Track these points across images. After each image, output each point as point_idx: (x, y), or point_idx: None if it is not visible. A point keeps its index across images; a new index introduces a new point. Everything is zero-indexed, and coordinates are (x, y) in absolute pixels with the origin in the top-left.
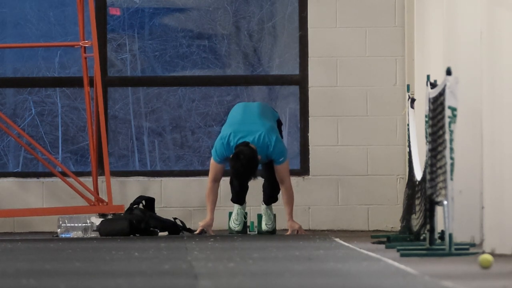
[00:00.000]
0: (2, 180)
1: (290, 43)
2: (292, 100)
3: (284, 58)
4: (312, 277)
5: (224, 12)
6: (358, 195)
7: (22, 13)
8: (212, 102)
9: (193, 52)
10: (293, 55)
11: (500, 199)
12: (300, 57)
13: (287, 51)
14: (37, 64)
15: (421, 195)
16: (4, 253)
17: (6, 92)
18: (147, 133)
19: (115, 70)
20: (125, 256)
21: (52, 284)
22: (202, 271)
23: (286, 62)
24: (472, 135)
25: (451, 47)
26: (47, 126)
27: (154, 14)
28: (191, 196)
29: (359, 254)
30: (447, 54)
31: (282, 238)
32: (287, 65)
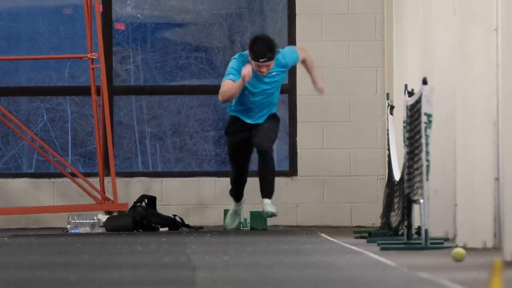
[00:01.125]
0: (16, 180)
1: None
2: (282, 107)
3: None
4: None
5: (219, 27)
6: (342, 194)
7: (35, 28)
8: (209, 109)
9: (191, 64)
10: None
11: (471, 198)
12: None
13: None
14: (48, 74)
15: (399, 194)
16: (18, 247)
17: (20, 100)
18: (149, 137)
19: (120, 80)
20: (129, 249)
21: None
22: (200, 264)
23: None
24: (446, 139)
25: (426, 59)
26: (57, 131)
27: (155, 28)
28: (189, 195)
29: (343, 248)
30: (423, 65)
31: (272, 233)
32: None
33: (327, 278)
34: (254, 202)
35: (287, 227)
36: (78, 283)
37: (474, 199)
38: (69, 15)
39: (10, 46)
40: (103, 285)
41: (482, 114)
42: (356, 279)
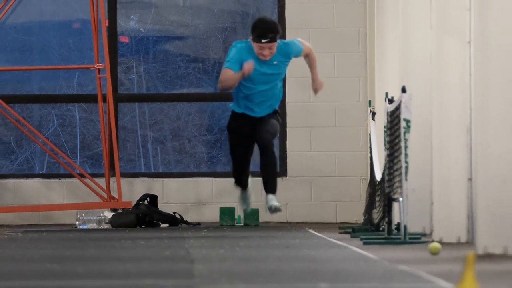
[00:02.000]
0: (29, 180)
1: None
2: None
3: None
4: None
5: (215, 40)
6: (328, 193)
7: (46, 41)
8: (206, 115)
9: (189, 73)
10: None
11: (446, 197)
12: None
13: None
14: (58, 83)
15: (380, 193)
16: (31, 242)
17: (32, 107)
18: (151, 141)
19: (124, 88)
20: (132, 244)
21: (72, 267)
22: (197, 257)
23: None
24: (423, 143)
25: (405, 69)
26: (67, 135)
27: (157, 41)
28: (188, 194)
29: (329, 242)
30: (402, 75)
31: (264, 229)
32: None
33: (314, 270)
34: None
35: (278, 223)
36: (86, 275)
37: (449, 198)
38: (78, 29)
39: (23, 57)
40: (109, 277)
41: (456, 120)
42: (341, 271)
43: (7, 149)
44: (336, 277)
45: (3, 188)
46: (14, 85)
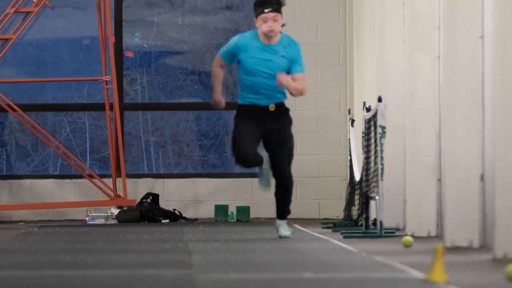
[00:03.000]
0: (44, 180)
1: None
2: None
3: None
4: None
5: (211, 55)
6: (312, 192)
7: (59, 55)
8: (202, 122)
9: (187, 85)
10: None
11: (418, 195)
12: None
13: None
14: (70, 94)
15: (359, 192)
16: (46, 236)
17: (47, 115)
18: (153, 145)
19: (129, 98)
20: (136, 238)
21: (82, 259)
22: (195, 249)
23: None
24: (397, 147)
25: (381, 81)
26: (78, 140)
27: (158, 56)
28: (186, 193)
29: (313, 236)
30: (379, 86)
31: (255, 224)
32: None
33: (299, 261)
34: (239, 197)
35: (267, 219)
36: (95, 265)
37: (420, 196)
38: (87, 44)
39: (39, 70)
40: (115, 267)
41: (426, 126)
42: (323, 262)
43: (24, 152)
44: (319, 267)
45: (20, 187)
46: (30, 95)
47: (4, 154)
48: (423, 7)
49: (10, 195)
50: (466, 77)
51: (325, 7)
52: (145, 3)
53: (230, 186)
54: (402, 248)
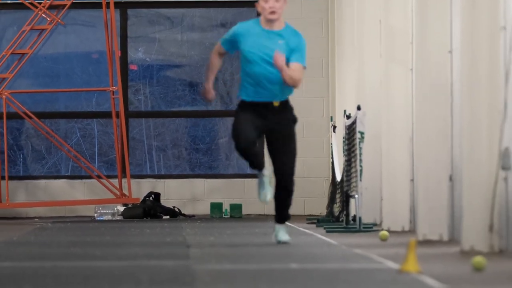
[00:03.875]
0: (57, 181)
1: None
2: None
3: None
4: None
5: None
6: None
7: (71, 68)
8: (199, 128)
9: (186, 95)
10: None
11: (393, 194)
12: None
13: None
14: (80, 103)
15: (340, 191)
16: (58, 230)
17: (59, 122)
18: (155, 149)
19: (134, 107)
20: (140, 232)
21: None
22: (192, 242)
23: None
24: (374, 150)
25: (360, 91)
26: (87, 144)
27: (160, 68)
28: (184, 192)
29: (298, 231)
30: (358, 96)
31: (247, 220)
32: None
33: (287, 253)
34: (232, 196)
35: (257, 215)
36: (103, 257)
37: (395, 195)
38: (96, 58)
39: (52, 82)
40: (121, 259)
41: (401, 132)
42: (308, 254)
43: (39, 155)
44: (304, 259)
45: (35, 187)
46: (44, 104)
47: (21, 157)
48: (398, 24)
49: (26, 194)
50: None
51: (309, 24)
52: (147, 21)
53: (224, 186)
54: (379, 242)
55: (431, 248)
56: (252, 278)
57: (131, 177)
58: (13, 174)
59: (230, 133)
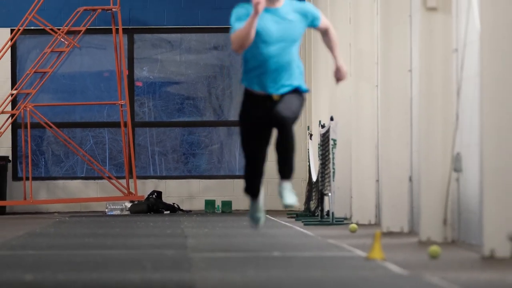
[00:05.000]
0: (73, 181)
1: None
2: None
3: (236, 111)
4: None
5: (202, 84)
6: None
7: (84, 84)
8: (195, 136)
9: (184, 107)
10: None
11: (361, 192)
12: None
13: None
14: (93, 114)
15: (315, 189)
16: (74, 223)
17: (76, 130)
18: (157, 154)
19: (139, 118)
20: (144, 225)
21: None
22: (189, 234)
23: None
24: (345, 155)
25: (333, 104)
26: (99, 150)
27: (161, 85)
28: (183, 190)
29: (280, 224)
30: (331, 108)
31: (236, 215)
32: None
33: (270, 243)
34: (224, 194)
35: (245, 210)
36: (112, 246)
37: (363, 193)
38: (107, 76)
39: (69, 96)
40: (128, 248)
41: (368, 139)
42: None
43: (58, 159)
44: (285, 247)
45: (55, 186)
46: (62, 115)
47: (43, 161)
48: (365, 47)
49: (47, 192)
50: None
51: None
52: (151, 44)
53: (216, 185)
54: (349, 233)
55: (393, 239)
56: (241, 264)
57: (136, 177)
58: (35, 175)
59: (240, 142)
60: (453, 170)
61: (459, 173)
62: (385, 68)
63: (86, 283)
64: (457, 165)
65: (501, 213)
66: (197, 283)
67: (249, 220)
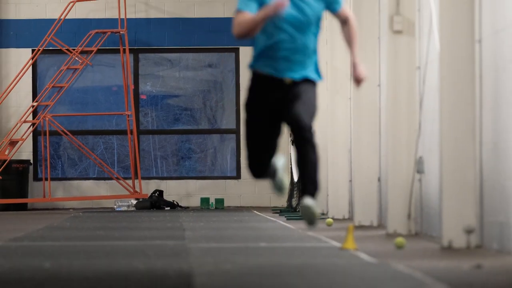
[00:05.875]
0: (87, 181)
1: (231, 113)
2: (232, 141)
3: (228, 121)
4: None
5: (197, 98)
6: (265, 189)
7: (96, 97)
8: (191, 143)
9: (182, 117)
10: (232, 119)
11: (336, 190)
12: (236, 119)
13: (230, 117)
14: (104, 123)
15: (297, 188)
16: (87, 218)
17: (88, 137)
18: (159, 158)
19: (143, 126)
20: (148, 219)
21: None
22: (187, 227)
23: (229, 122)
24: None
25: None
26: (109, 154)
27: (163, 98)
28: (181, 189)
29: (266, 218)
30: None
31: (227, 211)
32: (229, 124)
33: (257, 235)
34: (217, 192)
35: (235, 207)
36: (120, 238)
37: (338, 191)
38: (115, 90)
39: (83, 107)
40: (133, 239)
41: (342, 145)
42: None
43: (73, 162)
44: (270, 239)
45: (70, 186)
46: (77, 124)
47: (60, 164)
48: (340, 65)
49: (63, 191)
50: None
51: None
52: (154, 62)
53: (210, 185)
54: (326, 227)
55: (364, 231)
56: (232, 253)
57: (141, 178)
58: (53, 176)
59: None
60: (416, 171)
61: (421, 174)
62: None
63: (97, 270)
64: (419, 167)
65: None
66: (194, 270)
67: (273, 189)
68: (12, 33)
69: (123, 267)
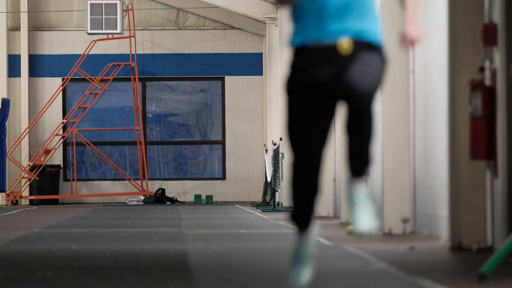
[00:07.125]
0: (105, 181)
1: (218, 128)
2: (219, 150)
3: (215, 134)
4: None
5: (192, 116)
6: (245, 187)
7: (113, 116)
8: (187, 152)
9: (180, 132)
10: (219, 132)
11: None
12: (222, 133)
13: (217, 131)
14: (119, 136)
15: (270, 187)
16: (106, 211)
17: (106, 147)
18: (162, 163)
19: (150, 138)
20: (153, 211)
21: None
22: (184, 217)
23: (216, 135)
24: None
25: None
26: (122, 161)
27: (165, 116)
28: (179, 188)
29: (245, 210)
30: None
31: (216, 204)
32: (217, 136)
33: (238, 223)
34: (207, 190)
35: (222, 202)
36: (131, 225)
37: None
38: (128, 110)
39: (102, 123)
40: (142, 227)
41: None
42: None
43: (94, 167)
44: (249, 226)
45: (92, 185)
46: (97, 137)
47: (84, 168)
48: None
49: (87, 189)
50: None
51: (251, 90)
52: (158, 88)
53: (202, 184)
54: None
55: (323, 221)
56: (218, 238)
57: (148, 179)
58: (78, 177)
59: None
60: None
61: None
62: None
63: (114, 251)
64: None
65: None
66: (188, 251)
67: (289, 269)
68: (47, 65)
69: (133, 248)
